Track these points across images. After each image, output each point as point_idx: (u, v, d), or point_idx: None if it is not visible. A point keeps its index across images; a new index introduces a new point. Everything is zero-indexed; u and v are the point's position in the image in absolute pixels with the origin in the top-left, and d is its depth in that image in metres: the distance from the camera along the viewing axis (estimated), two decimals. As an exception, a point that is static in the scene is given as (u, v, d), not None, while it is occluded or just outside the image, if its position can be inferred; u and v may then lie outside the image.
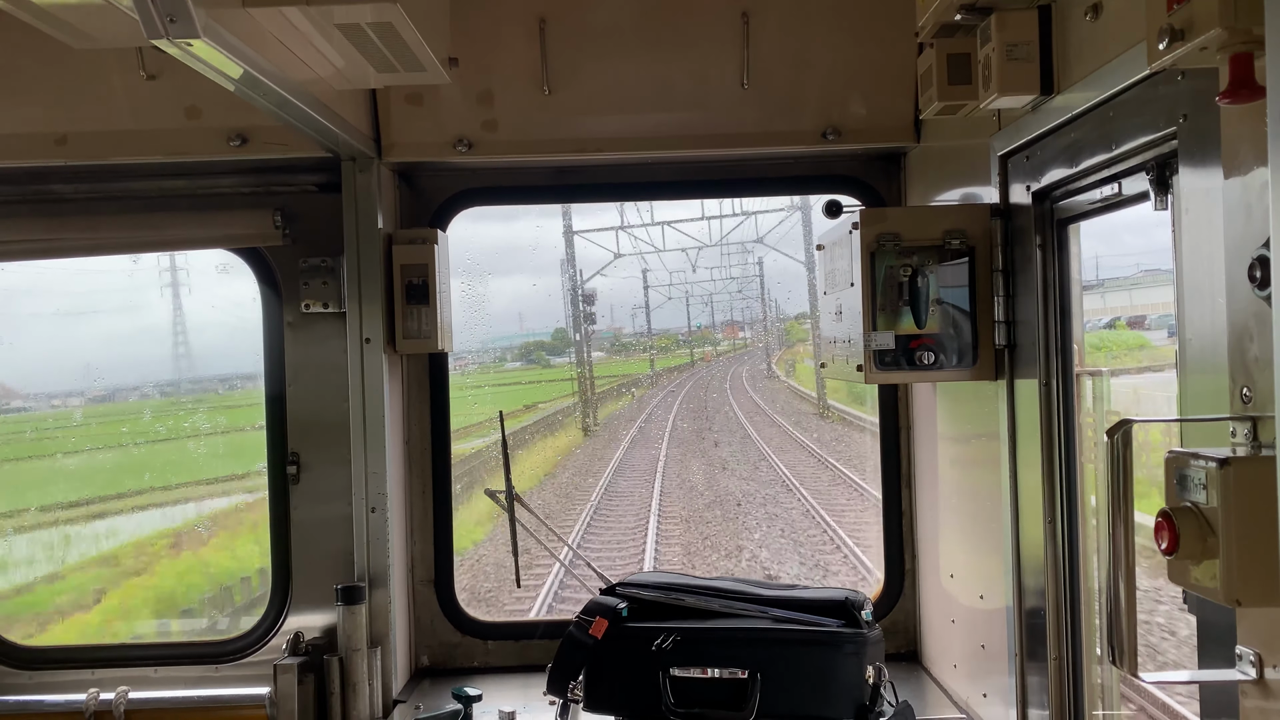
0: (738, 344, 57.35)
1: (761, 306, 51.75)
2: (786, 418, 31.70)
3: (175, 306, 21.21)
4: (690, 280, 46.44)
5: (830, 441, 26.40)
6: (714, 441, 28.13)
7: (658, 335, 50.66)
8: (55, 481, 16.57)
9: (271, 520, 4.59)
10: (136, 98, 4.23)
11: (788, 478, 21.84)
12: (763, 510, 19.66)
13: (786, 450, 25.66)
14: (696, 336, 55.32)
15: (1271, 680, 1.98)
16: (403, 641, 4.60)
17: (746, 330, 57.73)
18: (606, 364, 46.39)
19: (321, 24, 3.27)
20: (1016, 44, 2.99)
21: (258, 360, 4.59)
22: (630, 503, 20.20)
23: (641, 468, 24.31)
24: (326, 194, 4.44)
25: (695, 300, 51.35)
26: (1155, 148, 2.56)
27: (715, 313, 56.29)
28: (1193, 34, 1.93)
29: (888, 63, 4.29)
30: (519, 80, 4.36)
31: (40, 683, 4.57)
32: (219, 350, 21.36)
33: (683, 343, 53.77)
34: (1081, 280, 3.32)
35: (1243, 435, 2.02)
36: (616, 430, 31.69)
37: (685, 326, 53.79)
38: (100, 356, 22.81)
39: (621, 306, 58.32)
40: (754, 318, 54.97)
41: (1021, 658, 3.43)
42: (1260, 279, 1.95)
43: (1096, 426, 3.27)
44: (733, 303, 54.64)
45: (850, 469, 21.63)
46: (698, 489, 21.76)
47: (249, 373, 20.34)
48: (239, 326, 12.97)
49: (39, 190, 4.50)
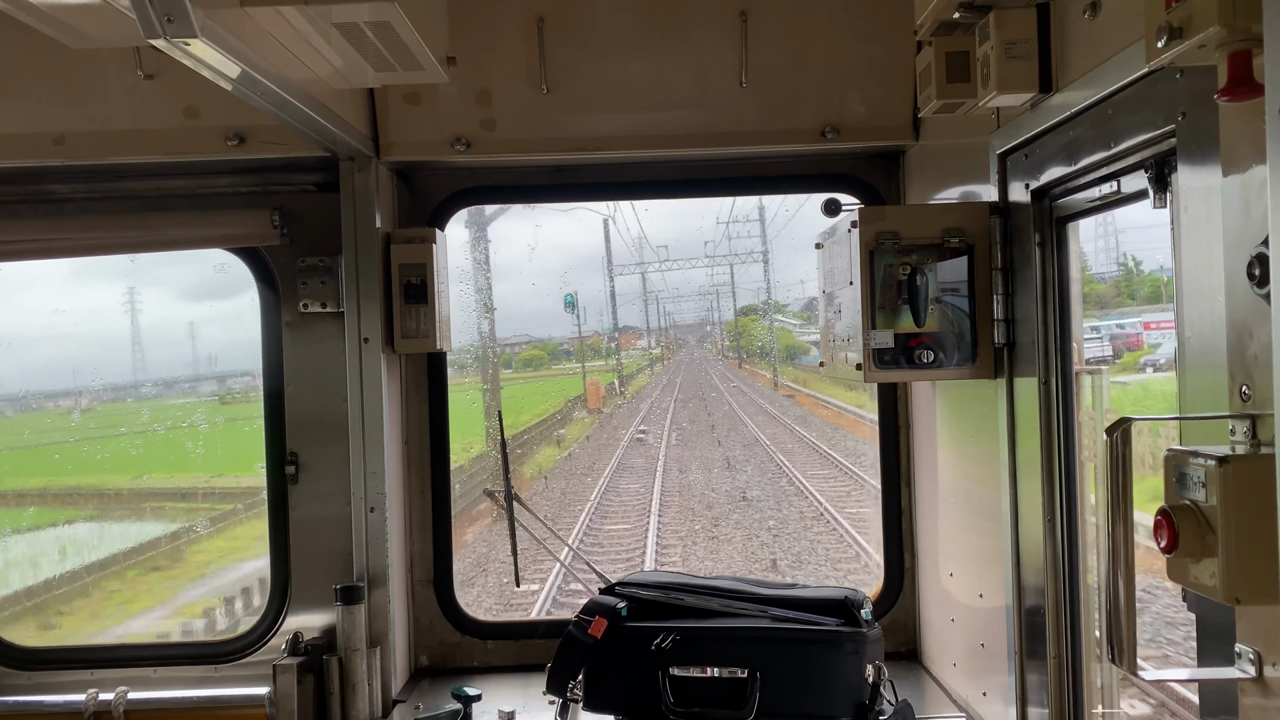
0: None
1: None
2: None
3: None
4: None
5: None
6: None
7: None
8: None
9: (270, 520, 4.59)
10: (134, 97, 4.22)
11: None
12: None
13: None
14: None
15: (1270, 678, 1.97)
16: (402, 641, 4.60)
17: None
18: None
19: (319, 23, 3.26)
20: (1015, 42, 2.99)
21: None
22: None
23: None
24: (325, 193, 4.44)
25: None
26: (1154, 146, 2.56)
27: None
28: (1191, 32, 1.93)
29: (886, 61, 4.28)
30: (517, 79, 4.36)
31: (39, 683, 4.57)
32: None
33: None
34: (1081, 278, 3.32)
35: (1242, 433, 2.02)
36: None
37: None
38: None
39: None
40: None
41: (1021, 656, 3.42)
42: (1259, 276, 1.94)
43: (1096, 425, 3.27)
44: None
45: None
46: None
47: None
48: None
49: (37, 190, 4.49)
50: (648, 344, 56.86)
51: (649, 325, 56.81)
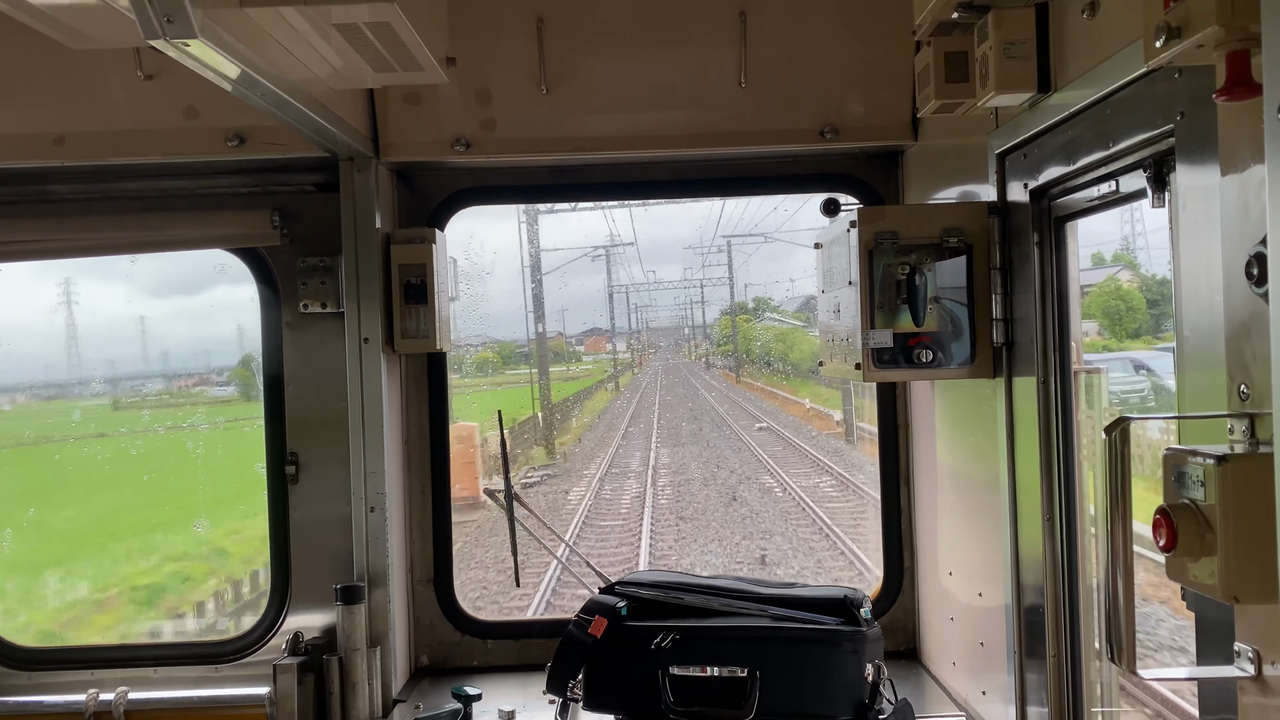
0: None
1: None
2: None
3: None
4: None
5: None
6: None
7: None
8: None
9: (270, 520, 4.59)
10: (134, 98, 4.22)
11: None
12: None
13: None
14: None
15: (1270, 677, 1.98)
16: (402, 641, 4.60)
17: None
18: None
19: (319, 24, 3.26)
20: (1014, 42, 2.99)
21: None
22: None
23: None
24: (324, 194, 4.44)
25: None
26: (1152, 145, 2.56)
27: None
28: (1189, 31, 1.93)
29: (885, 61, 4.29)
30: (517, 79, 4.36)
31: (40, 683, 4.57)
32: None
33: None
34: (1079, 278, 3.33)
35: (1240, 432, 2.02)
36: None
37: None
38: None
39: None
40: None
41: (1020, 655, 3.43)
42: (1257, 276, 1.94)
43: (1095, 424, 3.27)
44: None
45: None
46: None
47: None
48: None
49: (37, 191, 4.50)
50: (619, 348, 51.45)
51: (614, 325, 51.86)
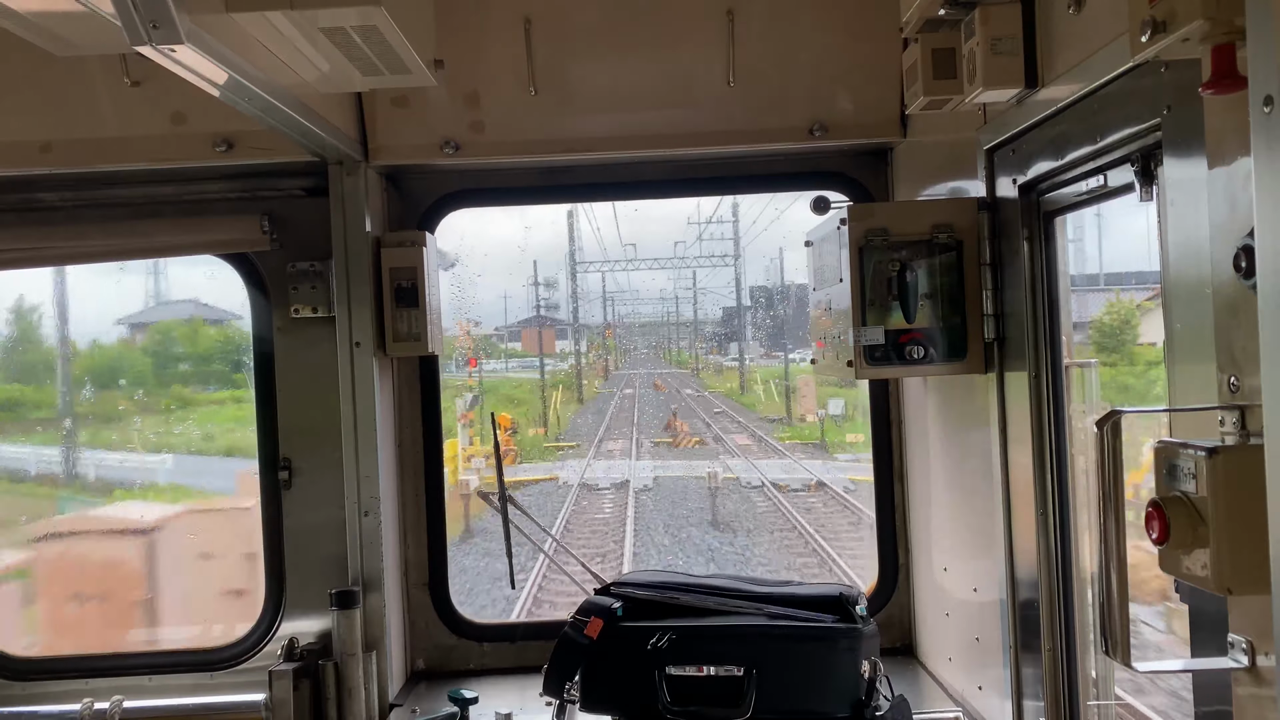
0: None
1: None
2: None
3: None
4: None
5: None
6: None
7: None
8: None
9: (264, 526, 4.58)
10: (121, 104, 4.21)
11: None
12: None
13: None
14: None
15: (1263, 667, 1.98)
16: (398, 645, 4.60)
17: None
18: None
19: (305, 28, 3.25)
20: (1000, 38, 2.99)
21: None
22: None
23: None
24: (314, 198, 4.43)
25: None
26: (1140, 139, 2.56)
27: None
28: (1174, 26, 1.94)
29: (873, 58, 4.29)
30: (505, 81, 4.36)
31: (34, 693, 4.55)
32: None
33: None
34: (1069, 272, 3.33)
35: (1231, 424, 2.03)
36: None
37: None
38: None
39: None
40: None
41: (1016, 649, 3.43)
42: (1245, 268, 1.95)
43: (1087, 418, 3.28)
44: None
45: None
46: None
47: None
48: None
49: (24, 199, 4.48)
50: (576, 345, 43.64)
51: (576, 312, 43.87)
